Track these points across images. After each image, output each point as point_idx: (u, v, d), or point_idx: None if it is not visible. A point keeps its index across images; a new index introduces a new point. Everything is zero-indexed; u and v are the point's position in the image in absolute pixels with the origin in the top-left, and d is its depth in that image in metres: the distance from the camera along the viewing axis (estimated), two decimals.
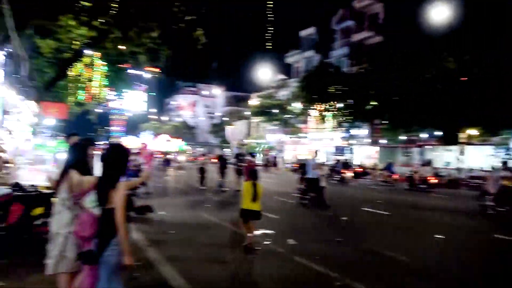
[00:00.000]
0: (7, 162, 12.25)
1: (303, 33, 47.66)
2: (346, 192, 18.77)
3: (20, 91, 13.95)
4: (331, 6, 43.01)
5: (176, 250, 6.84)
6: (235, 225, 8.37)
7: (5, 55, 22.44)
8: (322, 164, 15.17)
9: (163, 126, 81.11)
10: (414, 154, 31.25)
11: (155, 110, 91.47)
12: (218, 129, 67.12)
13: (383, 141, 33.45)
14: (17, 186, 6.49)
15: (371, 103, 29.07)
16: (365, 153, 37.98)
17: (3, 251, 5.48)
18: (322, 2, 57.21)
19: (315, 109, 34.15)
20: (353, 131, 34.45)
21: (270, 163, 37.74)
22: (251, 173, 7.32)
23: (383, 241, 8.18)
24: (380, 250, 7.31)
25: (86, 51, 16.88)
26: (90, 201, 3.48)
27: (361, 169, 29.48)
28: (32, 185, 6.73)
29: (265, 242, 7.54)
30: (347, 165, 28.36)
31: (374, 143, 35.13)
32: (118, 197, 3.16)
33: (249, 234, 6.96)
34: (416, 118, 25.46)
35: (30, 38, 16.00)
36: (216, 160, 21.23)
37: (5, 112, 21.63)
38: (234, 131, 18.25)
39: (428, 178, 20.68)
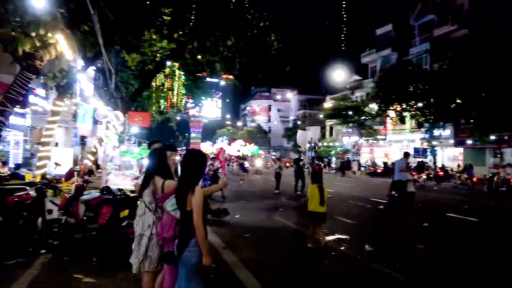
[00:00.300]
0: (99, 168, 13.42)
1: (379, 31, 45.93)
2: (420, 195, 17.54)
3: (108, 102, 15.22)
4: (408, 1, 40.78)
5: (251, 253, 6.92)
6: (309, 228, 8.27)
7: (94, 70, 24.69)
8: (410, 167, 13.51)
9: (237, 132, 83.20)
10: (507, 155, 28.40)
11: (229, 116, 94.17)
12: (291, 133, 67.15)
13: (469, 142, 30.90)
14: (106, 190, 7.04)
15: (456, 101, 26.98)
16: (449, 154, 35.49)
17: (94, 250, 5.97)
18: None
19: (394, 109, 32.57)
20: (435, 132, 32.23)
21: (345, 167, 36.67)
22: (316, 177, 7.54)
23: (469, 251, 7.51)
24: (467, 261, 6.72)
25: (167, 62, 17.88)
26: (171, 204, 3.66)
27: (442, 172, 27.68)
28: (120, 189, 7.27)
29: (341, 248, 7.34)
30: (421, 167, 26.91)
31: (459, 143, 32.60)
32: (195, 201, 3.27)
33: (318, 237, 7.04)
34: (509, 116, 23.09)
35: (118, 53, 17.39)
36: (290, 164, 21.21)
37: (96, 122, 23.70)
38: (304, 135, 18.08)
39: (511, 180, 19.63)
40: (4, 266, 5.37)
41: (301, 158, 19.13)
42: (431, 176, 26.62)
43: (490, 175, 21.17)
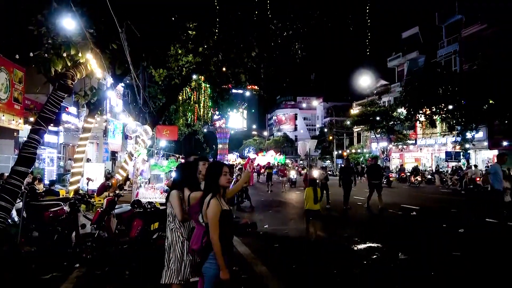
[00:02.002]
0: (130, 182, 13.70)
1: (405, 34, 45.20)
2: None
3: (137, 117, 15.58)
4: (434, 2, 40.09)
5: (280, 263, 6.84)
6: (339, 237, 8.13)
7: (123, 87, 25.35)
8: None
9: (264, 142, 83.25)
10: None
11: (255, 126, 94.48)
12: (318, 141, 66.57)
13: (504, 143, 29.71)
14: (137, 203, 7.17)
15: (488, 101, 26.08)
16: (483, 157, 34.29)
17: (126, 262, 6.06)
18: (424, 0, 53.60)
19: (423, 113, 31.83)
20: (468, 134, 31.24)
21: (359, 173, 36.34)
22: (311, 181, 8.75)
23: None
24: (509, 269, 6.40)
25: (193, 76, 18.18)
26: (201, 216, 3.68)
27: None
28: (150, 202, 7.39)
29: (373, 256, 7.16)
30: (416, 170, 29.78)
31: (494, 145, 31.41)
32: (209, 214, 3.24)
33: (311, 230, 8.28)
34: None
35: (145, 69, 17.83)
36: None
37: (126, 137, 24.18)
38: (304, 146, 19.59)
39: (477, 179, 23.30)
40: (40, 280, 5.52)
41: (351, 166, 15.62)
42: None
43: (460, 175, 25.50)
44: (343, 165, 16.15)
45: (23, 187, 6.94)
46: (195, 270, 3.81)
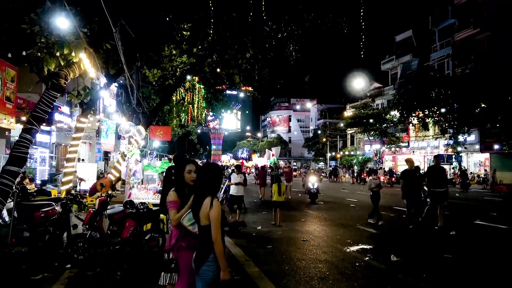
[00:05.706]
0: (123, 183, 13.62)
1: (399, 37, 45.52)
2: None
3: (130, 118, 15.50)
4: (427, 6, 40.46)
5: (273, 264, 6.84)
6: (333, 240, 8.12)
7: (117, 87, 25.22)
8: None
9: (258, 143, 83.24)
10: None
11: (248, 128, 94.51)
12: (312, 143, 66.74)
13: (496, 147, 30.02)
14: (129, 204, 7.14)
15: (480, 105, 26.32)
16: (475, 160, 34.66)
17: (118, 263, 6.02)
18: (418, 4, 54.05)
19: (416, 116, 32.05)
20: (460, 137, 31.52)
21: (333, 173, 40.15)
22: (276, 179, 11.42)
23: (505, 260, 7.23)
24: (502, 271, 6.46)
25: (187, 77, 18.13)
26: (188, 219, 3.65)
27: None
28: (142, 203, 7.36)
29: (365, 258, 7.18)
30: (374, 171, 32.91)
31: (486, 149, 31.71)
32: (213, 215, 3.21)
33: (277, 220, 10.85)
34: None
35: (139, 69, 17.76)
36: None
37: (119, 137, 24.02)
38: (268, 153, 21.60)
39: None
40: (31, 281, 5.47)
41: (418, 168, 11.83)
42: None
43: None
44: (406, 168, 11.10)
45: (14, 187, 6.87)
46: (162, 266, 3.80)
